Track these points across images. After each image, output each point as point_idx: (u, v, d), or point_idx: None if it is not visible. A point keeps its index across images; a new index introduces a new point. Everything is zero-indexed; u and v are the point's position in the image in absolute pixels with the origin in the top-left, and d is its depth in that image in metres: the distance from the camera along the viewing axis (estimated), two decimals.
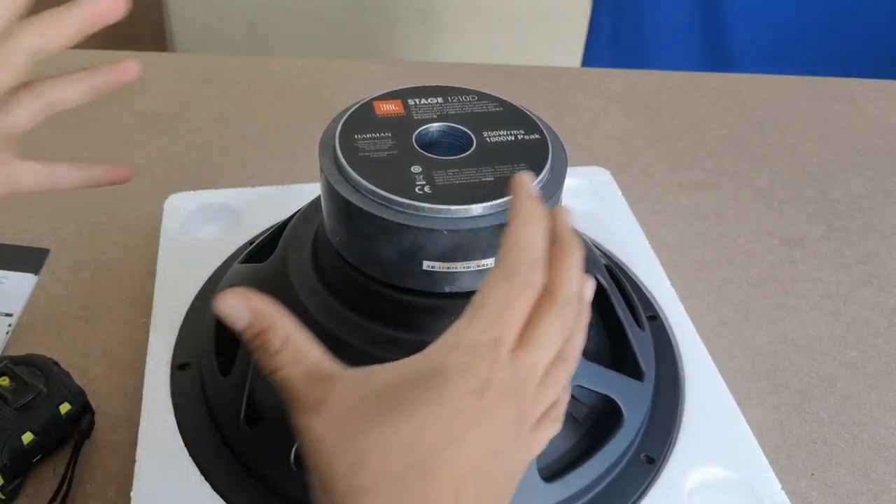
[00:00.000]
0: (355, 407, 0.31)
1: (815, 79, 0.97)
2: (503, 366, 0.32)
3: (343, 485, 0.30)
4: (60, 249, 0.65)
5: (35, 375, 0.50)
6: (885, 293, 0.68)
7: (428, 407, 0.31)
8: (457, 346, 0.32)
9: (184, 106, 0.85)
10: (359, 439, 0.30)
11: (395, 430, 0.30)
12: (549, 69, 0.96)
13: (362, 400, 0.31)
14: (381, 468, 0.30)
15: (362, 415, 0.31)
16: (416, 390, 0.31)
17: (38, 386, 0.49)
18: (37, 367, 0.50)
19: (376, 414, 0.31)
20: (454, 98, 0.47)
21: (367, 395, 0.31)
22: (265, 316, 0.33)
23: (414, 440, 0.30)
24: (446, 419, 0.30)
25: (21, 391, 0.49)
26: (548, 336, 0.33)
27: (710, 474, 0.48)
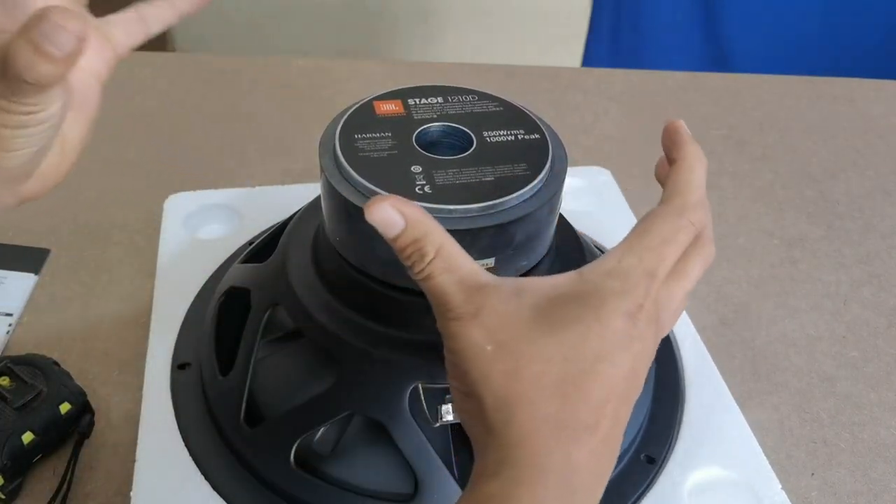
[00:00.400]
0: (513, 316, 0.32)
1: (815, 79, 0.97)
2: (653, 295, 0.33)
3: (496, 392, 0.31)
4: (60, 249, 0.65)
5: (35, 375, 0.50)
6: (885, 293, 0.68)
7: (586, 324, 0.32)
8: (614, 271, 0.33)
9: (184, 106, 0.85)
10: (516, 348, 0.31)
11: (553, 341, 0.31)
12: (549, 69, 0.96)
13: (519, 310, 0.32)
14: (536, 378, 0.31)
15: (520, 324, 0.32)
16: (574, 307, 0.32)
17: (38, 386, 0.49)
18: (37, 367, 0.50)
19: (534, 325, 0.32)
20: (454, 98, 0.47)
21: (524, 306, 0.32)
22: (420, 223, 0.33)
23: (571, 353, 0.31)
24: (603, 337, 0.32)
25: (21, 391, 0.49)
26: (694, 270, 0.35)
27: (710, 474, 0.48)
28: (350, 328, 0.44)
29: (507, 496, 0.30)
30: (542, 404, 0.31)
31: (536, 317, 0.32)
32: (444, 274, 0.33)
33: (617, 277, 0.33)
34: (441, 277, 0.33)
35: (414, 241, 0.33)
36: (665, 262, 0.34)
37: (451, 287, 0.33)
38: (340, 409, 0.43)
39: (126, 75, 0.89)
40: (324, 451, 0.45)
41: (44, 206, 0.69)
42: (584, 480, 0.31)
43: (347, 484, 0.45)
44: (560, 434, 0.31)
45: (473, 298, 0.32)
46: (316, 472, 0.45)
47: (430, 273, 0.33)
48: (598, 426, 0.31)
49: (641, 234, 0.35)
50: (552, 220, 0.45)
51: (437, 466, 0.42)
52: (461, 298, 0.33)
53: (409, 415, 0.42)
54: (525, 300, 0.33)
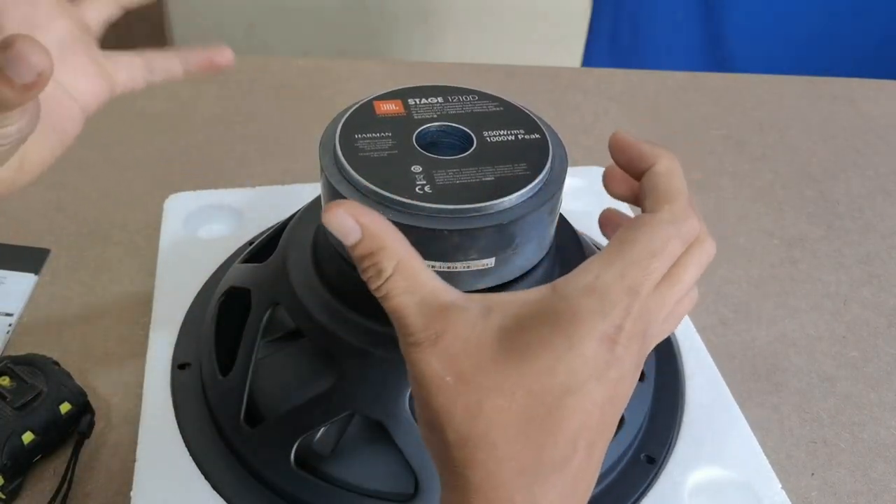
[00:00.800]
0: (476, 343, 0.29)
1: (815, 79, 0.97)
2: (636, 313, 0.30)
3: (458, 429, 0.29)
4: (60, 249, 0.65)
5: (35, 375, 0.50)
6: (885, 293, 0.68)
7: (556, 351, 0.29)
8: (591, 287, 0.30)
9: (184, 106, 0.85)
10: (478, 380, 0.29)
11: (518, 372, 0.28)
12: (549, 69, 0.96)
13: (484, 335, 0.29)
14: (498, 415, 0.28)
15: (484, 352, 0.29)
16: (544, 331, 0.29)
17: (38, 386, 0.49)
18: (37, 367, 0.50)
19: (499, 354, 0.29)
20: (454, 98, 0.47)
21: (490, 329, 0.29)
22: (377, 235, 0.30)
23: (537, 386, 0.28)
24: (573, 367, 0.29)
25: (21, 391, 0.49)
26: (689, 273, 0.32)
27: (710, 474, 0.48)
28: (350, 328, 0.44)
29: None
30: (504, 445, 0.28)
31: (502, 342, 0.29)
32: (404, 294, 0.30)
33: (594, 295, 0.29)
34: (400, 298, 0.30)
35: (370, 253, 0.30)
36: (652, 276, 0.30)
37: (411, 309, 0.30)
38: (340, 409, 0.43)
39: None
40: (324, 451, 0.45)
41: (44, 206, 0.69)
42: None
43: (347, 484, 0.45)
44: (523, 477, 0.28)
45: (434, 322, 0.30)
46: (316, 472, 0.45)
47: (387, 292, 0.30)
48: (568, 464, 0.29)
49: (625, 246, 0.31)
50: (552, 220, 0.45)
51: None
52: (421, 322, 0.30)
53: (410, 415, 0.42)
54: (491, 321, 0.30)
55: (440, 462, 0.30)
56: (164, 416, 0.49)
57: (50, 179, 0.73)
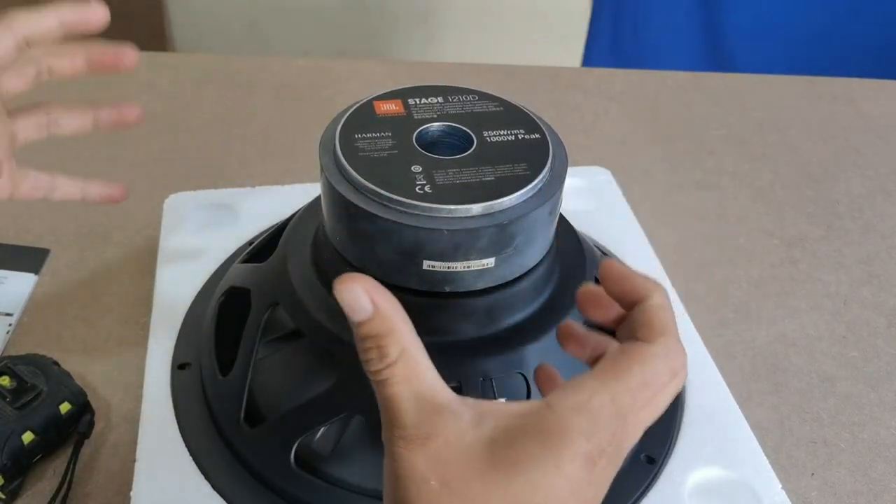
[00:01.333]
0: (466, 451, 0.29)
1: (815, 79, 0.97)
2: (619, 438, 0.30)
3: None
4: (60, 249, 0.65)
5: (35, 375, 0.50)
6: (885, 293, 0.68)
7: (542, 467, 0.29)
8: (584, 408, 0.30)
9: (184, 106, 0.85)
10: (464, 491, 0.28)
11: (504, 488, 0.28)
12: (549, 69, 0.96)
13: (473, 447, 0.29)
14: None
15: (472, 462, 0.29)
16: (533, 445, 0.29)
17: (38, 386, 0.49)
18: (37, 367, 0.50)
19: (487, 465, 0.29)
20: (454, 98, 0.47)
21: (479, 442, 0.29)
22: (389, 318, 0.30)
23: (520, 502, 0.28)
24: (556, 484, 0.29)
25: (21, 391, 0.49)
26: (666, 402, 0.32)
27: (710, 474, 0.48)
28: (350, 328, 0.44)
29: None
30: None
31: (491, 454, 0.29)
32: (402, 384, 0.29)
33: (585, 415, 0.30)
34: (398, 387, 0.29)
35: (378, 335, 0.29)
36: (640, 405, 0.31)
37: (407, 403, 0.29)
38: (340, 409, 0.43)
39: (126, 75, 0.89)
40: (324, 451, 0.45)
41: (44, 206, 0.69)
42: None
43: (347, 484, 0.45)
44: None
45: (427, 421, 0.29)
46: (316, 472, 0.45)
47: (386, 378, 0.29)
48: None
49: (621, 373, 0.31)
50: (552, 220, 0.45)
51: None
52: (414, 419, 0.29)
53: None
54: (482, 432, 0.29)
55: None
56: (164, 416, 0.49)
57: None
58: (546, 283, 0.47)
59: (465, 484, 0.28)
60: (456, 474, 0.29)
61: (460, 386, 0.42)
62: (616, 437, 0.30)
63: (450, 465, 0.29)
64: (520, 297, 0.45)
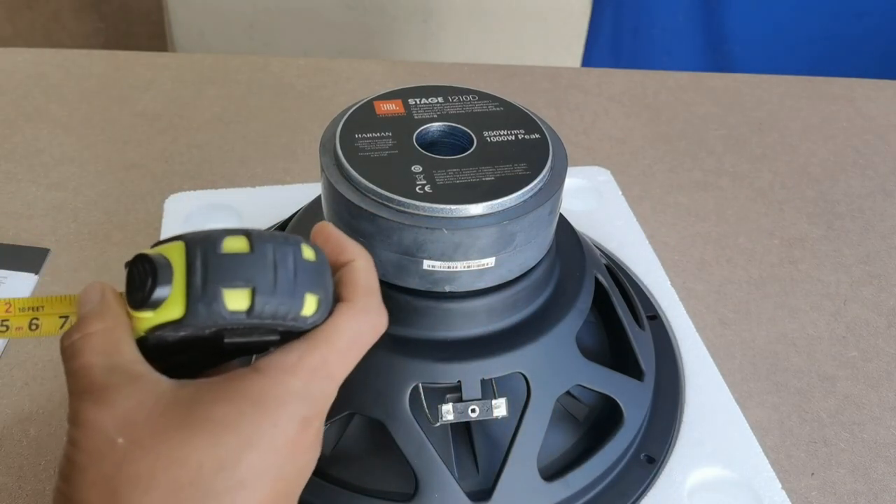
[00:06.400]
0: (162, 412, 0.27)
1: (815, 79, 0.97)
2: (329, 398, 0.30)
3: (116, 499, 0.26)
4: (60, 249, 0.65)
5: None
6: (885, 293, 0.68)
7: (257, 426, 0.27)
8: (297, 369, 0.29)
9: (184, 106, 0.85)
10: (159, 449, 0.26)
11: (209, 446, 0.26)
12: (549, 69, 0.96)
13: (171, 404, 0.27)
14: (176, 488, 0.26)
15: (170, 420, 0.27)
16: (244, 404, 0.28)
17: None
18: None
19: (189, 423, 0.27)
20: (454, 98, 0.47)
21: (178, 400, 0.27)
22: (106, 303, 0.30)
23: (230, 461, 0.26)
24: (274, 444, 0.28)
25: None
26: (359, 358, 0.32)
27: (710, 474, 0.48)
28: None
29: None
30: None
31: (193, 411, 0.27)
32: (97, 354, 0.28)
33: (299, 377, 0.29)
34: (92, 356, 0.28)
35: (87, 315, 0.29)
36: (347, 367, 0.31)
37: (99, 369, 0.28)
38: (340, 409, 0.43)
39: (126, 75, 0.89)
40: (324, 451, 0.45)
41: (44, 206, 0.69)
42: None
43: (347, 484, 0.45)
44: None
45: (120, 385, 0.27)
46: (316, 472, 0.45)
47: (80, 347, 0.29)
48: None
49: (329, 333, 0.30)
50: (552, 220, 0.45)
51: (437, 466, 0.42)
52: (104, 381, 0.27)
53: (409, 415, 0.42)
54: (183, 393, 0.28)
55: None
56: None
57: (50, 180, 0.73)
58: (546, 283, 0.47)
59: (160, 439, 0.26)
60: (150, 431, 0.26)
61: (460, 385, 0.42)
62: (329, 401, 0.30)
63: (142, 423, 0.27)
64: (520, 297, 0.45)
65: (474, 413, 0.42)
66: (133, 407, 0.27)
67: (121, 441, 0.26)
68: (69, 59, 0.91)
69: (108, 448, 0.26)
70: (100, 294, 0.30)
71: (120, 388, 0.27)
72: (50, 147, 0.77)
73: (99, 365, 0.28)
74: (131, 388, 0.28)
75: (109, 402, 0.27)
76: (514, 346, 0.44)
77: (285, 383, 0.29)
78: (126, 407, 0.27)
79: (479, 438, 0.45)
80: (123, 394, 0.27)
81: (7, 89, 0.85)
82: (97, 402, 0.27)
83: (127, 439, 0.26)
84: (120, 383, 0.28)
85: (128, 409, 0.27)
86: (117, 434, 0.26)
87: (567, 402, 0.48)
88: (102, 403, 0.27)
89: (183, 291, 0.28)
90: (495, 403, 0.42)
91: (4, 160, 0.75)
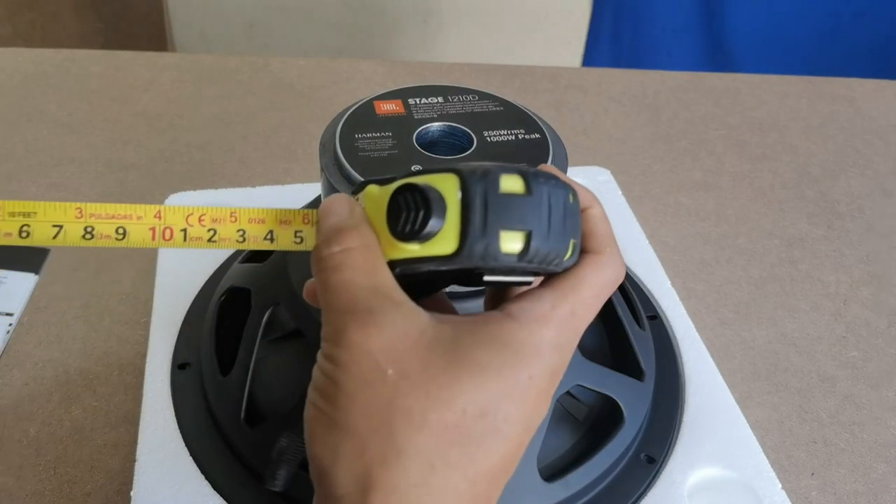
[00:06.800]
0: (427, 347, 0.26)
1: (815, 79, 0.97)
2: (573, 347, 0.29)
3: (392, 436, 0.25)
4: (60, 249, 0.65)
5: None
6: (885, 293, 0.68)
7: (516, 376, 0.27)
8: (548, 320, 0.28)
9: (184, 106, 0.85)
10: (428, 387, 0.26)
11: (473, 390, 0.26)
12: (549, 69, 0.96)
13: (436, 341, 0.27)
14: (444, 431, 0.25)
15: (435, 358, 0.26)
16: (506, 353, 0.27)
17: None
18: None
19: (453, 364, 0.26)
20: (455, 98, 0.47)
21: (442, 338, 0.27)
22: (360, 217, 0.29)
23: (489, 408, 0.26)
24: (527, 395, 0.27)
25: None
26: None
27: (710, 474, 0.48)
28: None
29: None
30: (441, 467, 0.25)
31: (456, 352, 0.26)
32: (359, 271, 0.28)
33: (552, 328, 0.28)
34: (354, 273, 0.28)
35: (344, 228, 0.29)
36: (589, 319, 0.30)
37: (363, 290, 0.27)
38: None
39: (126, 75, 0.89)
40: None
41: None
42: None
43: None
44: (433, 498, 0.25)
45: (384, 309, 0.27)
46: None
47: (341, 262, 0.28)
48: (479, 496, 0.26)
49: (577, 284, 0.30)
50: None
51: None
52: (369, 304, 0.27)
53: None
54: (444, 331, 0.27)
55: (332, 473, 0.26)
56: (164, 416, 0.49)
57: (50, 179, 0.73)
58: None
59: (428, 376, 0.26)
60: (419, 367, 0.26)
61: None
62: (571, 352, 0.29)
63: (410, 356, 0.26)
64: None
65: None
66: (399, 336, 0.26)
67: (391, 372, 0.26)
68: (69, 59, 0.91)
69: (379, 378, 0.26)
70: (348, 208, 0.29)
71: (385, 314, 0.27)
72: (50, 147, 0.77)
73: (362, 285, 0.27)
74: (395, 315, 0.27)
75: (377, 326, 0.26)
76: None
77: (540, 334, 0.28)
78: (393, 335, 0.26)
79: None
80: (389, 320, 0.27)
81: (7, 89, 0.85)
82: (364, 325, 0.26)
83: (396, 371, 0.26)
84: (384, 308, 0.27)
85: (394, 337, 0.26)
86: (386, 363, 0.26)
87: (567, 402, 0.48)
88: (370, 326, 0.26)
89: (457, 228, 0.27)
90: None
91: (4, 160, 0.75)
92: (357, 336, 0.26)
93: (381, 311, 0.27)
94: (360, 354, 0.26)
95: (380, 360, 0.26)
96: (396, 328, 0.27)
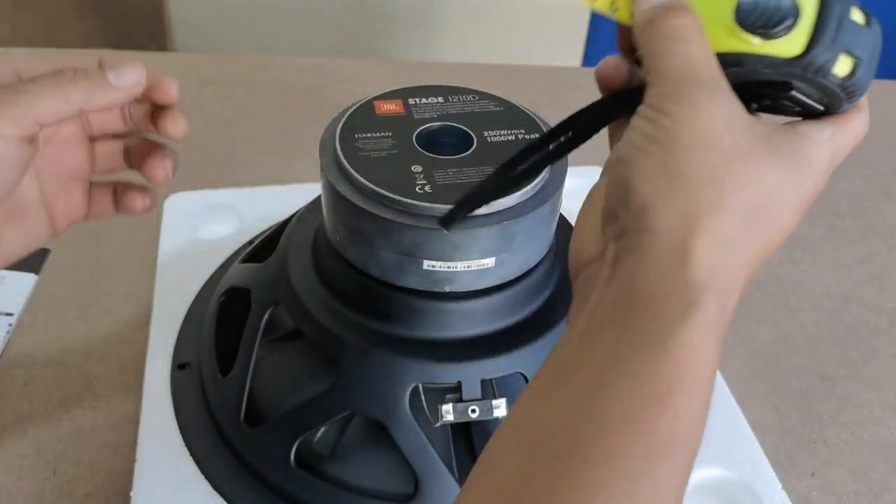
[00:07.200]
0: (750, 129, 0.29)
1: None
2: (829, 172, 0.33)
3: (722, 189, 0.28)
4: (60, 249, 0.65)
5: None
6: (885, 293, 0.68)
7: (806, 184, 0.31)
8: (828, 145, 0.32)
9: (184, 106, 0.85)
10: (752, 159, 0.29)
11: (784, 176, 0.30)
12: (549, 69, 0.96)
13: (755, 128, 0.29)
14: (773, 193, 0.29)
15: (757, 140, 0.29)
16: (804, 162, 0.31)
17: None
18: None
19: (770, 150, 0.29)
20: (455, 97, 0.47)
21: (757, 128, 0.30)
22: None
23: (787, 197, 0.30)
24: (803, 203, 0.31)
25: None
26: None
27: (710, 474, 0.48)
28: (350, 328, 0.44)
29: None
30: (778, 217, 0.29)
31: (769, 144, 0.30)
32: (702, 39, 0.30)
33: (828, 152, 0.32)
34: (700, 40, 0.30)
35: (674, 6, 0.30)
36: (843, 156, 0.34)
37: (709, 57, 0.29)
38: (340, 409, 0.43)
39: None
40: (324, 451, 0.45)
41: None
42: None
43: (347, 484, 0.45)
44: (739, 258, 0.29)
45: (722, 81, 0.29)
46: (316, 472, 0.45)
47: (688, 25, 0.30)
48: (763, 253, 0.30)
49: (843, 126, 0.33)
50: (552, 220, 0.45)
51: (437, 466, 0.42)
52: (713, 73, 0.29)
53: (409, 415, 0.42)
54: (757, 122, 0.30)
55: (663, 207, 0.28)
56: (164, 416, 0.49)
57: None
58: (546, 283, 0.47)
59: (754, 154, 0.29)
60: (744, 145, 0.28)
61: (460, 385, 0.42)
62: (828, 175, 0.33)
63: (741, 132, 0.29)
64: (520, 297, 0.45)
65: (474, 413, 0.42)
66: (732, 112, 0.29)
67: (727, 140, 0.28)
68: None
69: (716, 140, 0.28)
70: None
71: (724, 89, 0.29)
72: None
73: (701, 59, 0.29)
74: (728, 93, 0.29)
75: (717, 95, 0.29)
76: (515, 346, 0.44)
77: (821, 155, 0.31)
78: (728, 108, 0.29)
79: (479, 439, 0.45)
80: (726, 94, 0.29)
81: None
82: (706, 91, 0.28)
83: (730, 141, 0.28)
84: (722, 84, 0.29)
85: (729, 111, 0.29)
86: (724, 131, 0.28)
87: None
88: (711, 94, 0.28)
89: (807, 34, 0.29)
90: (495, 404, 0.42)
91: None
92: (703, 99, 0.28)
93: (720, 87, 0.29)
94: (704, 116, 0.28)
95: (718, 126, 0.28)
96: (733, 105, 0.29)
